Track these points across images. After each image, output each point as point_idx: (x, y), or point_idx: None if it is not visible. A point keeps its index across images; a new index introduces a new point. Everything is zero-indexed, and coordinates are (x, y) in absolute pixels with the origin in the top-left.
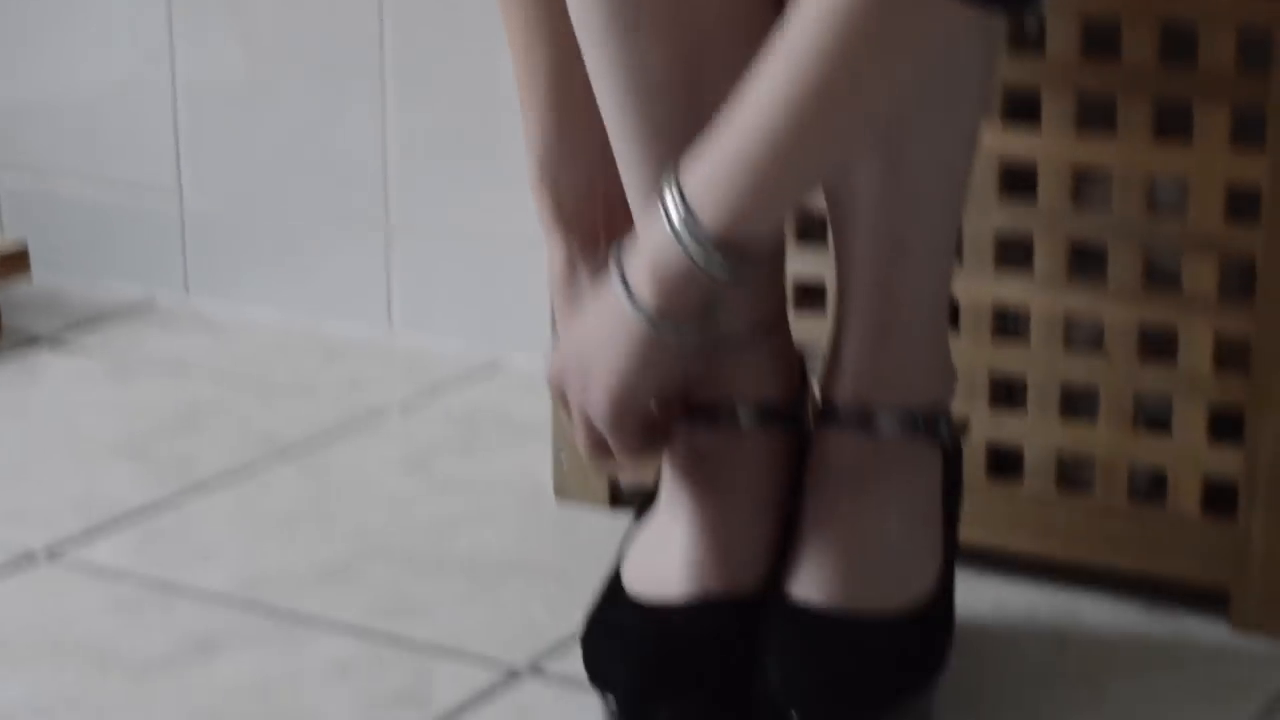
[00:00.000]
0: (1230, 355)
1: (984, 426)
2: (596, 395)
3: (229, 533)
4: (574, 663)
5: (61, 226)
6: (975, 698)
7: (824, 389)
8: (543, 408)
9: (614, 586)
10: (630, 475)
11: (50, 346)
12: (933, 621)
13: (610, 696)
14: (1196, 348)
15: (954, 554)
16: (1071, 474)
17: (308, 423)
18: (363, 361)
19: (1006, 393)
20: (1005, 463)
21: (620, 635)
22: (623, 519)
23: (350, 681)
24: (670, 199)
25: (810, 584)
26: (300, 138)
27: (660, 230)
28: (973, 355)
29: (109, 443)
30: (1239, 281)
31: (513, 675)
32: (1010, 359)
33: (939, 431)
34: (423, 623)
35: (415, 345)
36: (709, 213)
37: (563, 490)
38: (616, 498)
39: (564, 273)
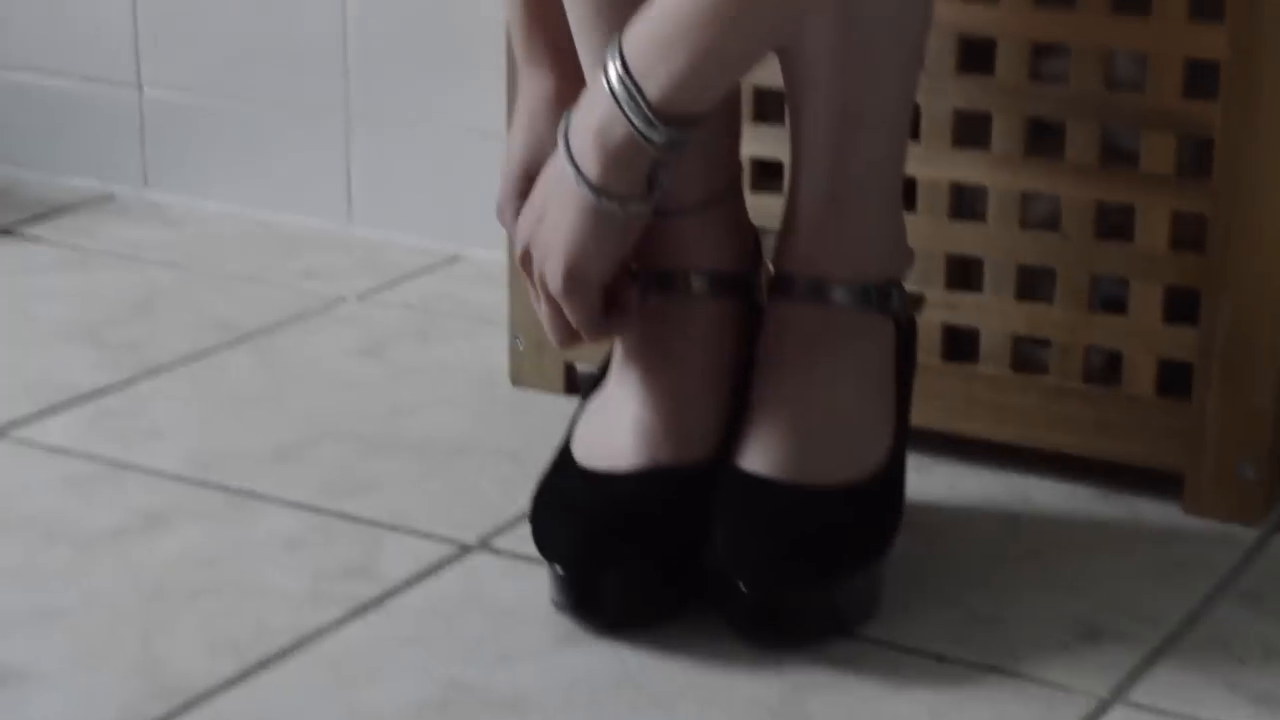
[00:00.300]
0: (1187, 235)
1: (940, 309)
2: (552, 266)
3: (182, 414)
4: (525, 540)
5: (19, 119)
6: (925, 574)
7: (777, 260)
8: (500, 297)
9: (563, 458)
10: (587, 354)
11: (6, 236)
12: (882, 495)
13: (557, 565)
14: (1153, 227)
15: (906, 429)
16: (1027, 356)
17: (264, 310)
18: (321, 253)
19: (963, 274)
20: (961, 345)
21: (568, 504)
22: (575, 403)
23: (299, 555)
24: (613, 67)
25: (760, 455)
26: (259, 29)
27: (603, 99)
28: (930, 236)
29: (63, 328)
30: (1197, 159)
31: (463, 550)
32: (967, 239)
33: (892, 304)
34: (374, 500)
35: (374, 238)
36: (650, 81)
37: (518, 376)
38: (572, 384)
39: (540, 109)
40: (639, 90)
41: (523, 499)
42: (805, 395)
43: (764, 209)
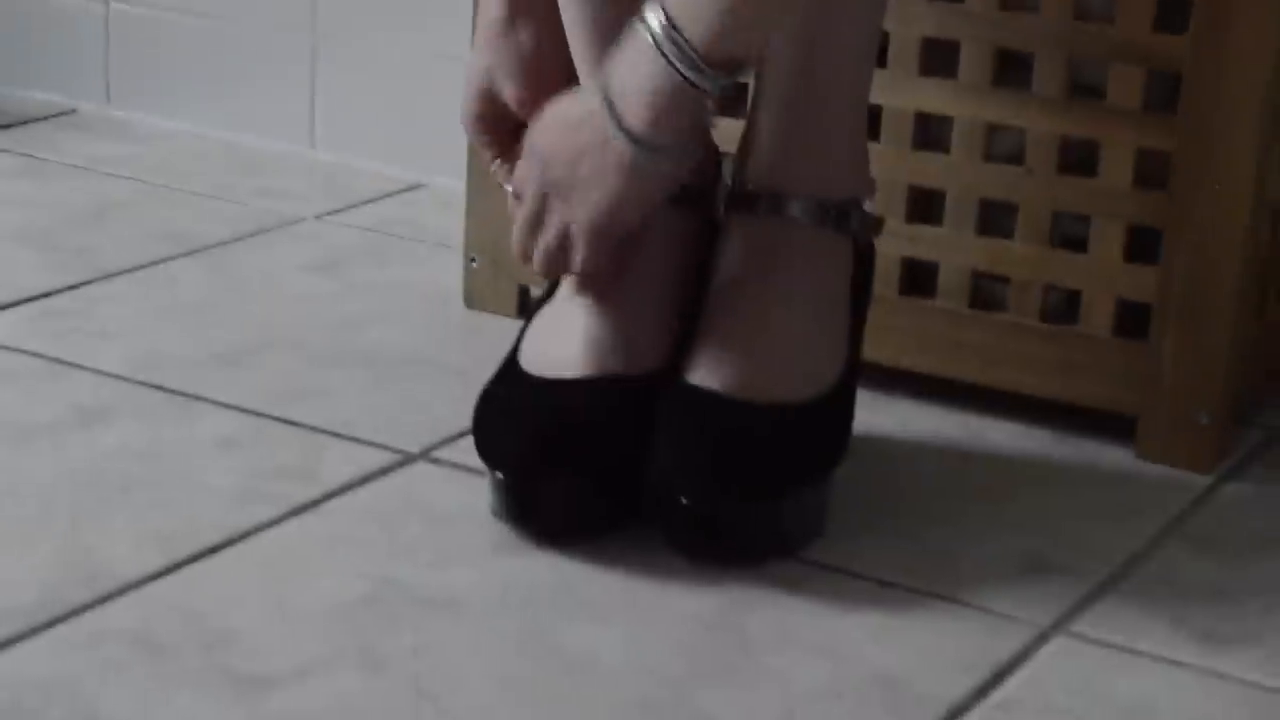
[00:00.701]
0: (1151, 173)
1: (899, 241)
2: (584, 214)
3: (128, 319)
4: (469, 453)
5: None
6: (872, 505)
7: (736, 175)
8: (458, 224)
9: (509, 367)
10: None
11: None
12: (830, 416)
13: (497, 471)
14: (1117, 163)
15: (858, 353)
16: (985, 293)
17: (219, 225)
18: (281, 175)
19: (925, 207)
20: (919, 279)
21: (511, 411)
22: None
23: (237, 455)
24: (655, 20)
25: (708, 370)
26: None
27: (647, 54)
28: (893, 166)
29: (14, 232)
30: (1164, 96)
31: (405, 459)
32: (930, 171)
33: (850, 224)
34: (317, 408)
35: (336, 162)
36: (695, 29)
37: (472, 298)
38: (525, 307)
39: (491, 33)
40: (686, 41)
41: (470, 415)
42: (757, 311)
43: (728, 133)
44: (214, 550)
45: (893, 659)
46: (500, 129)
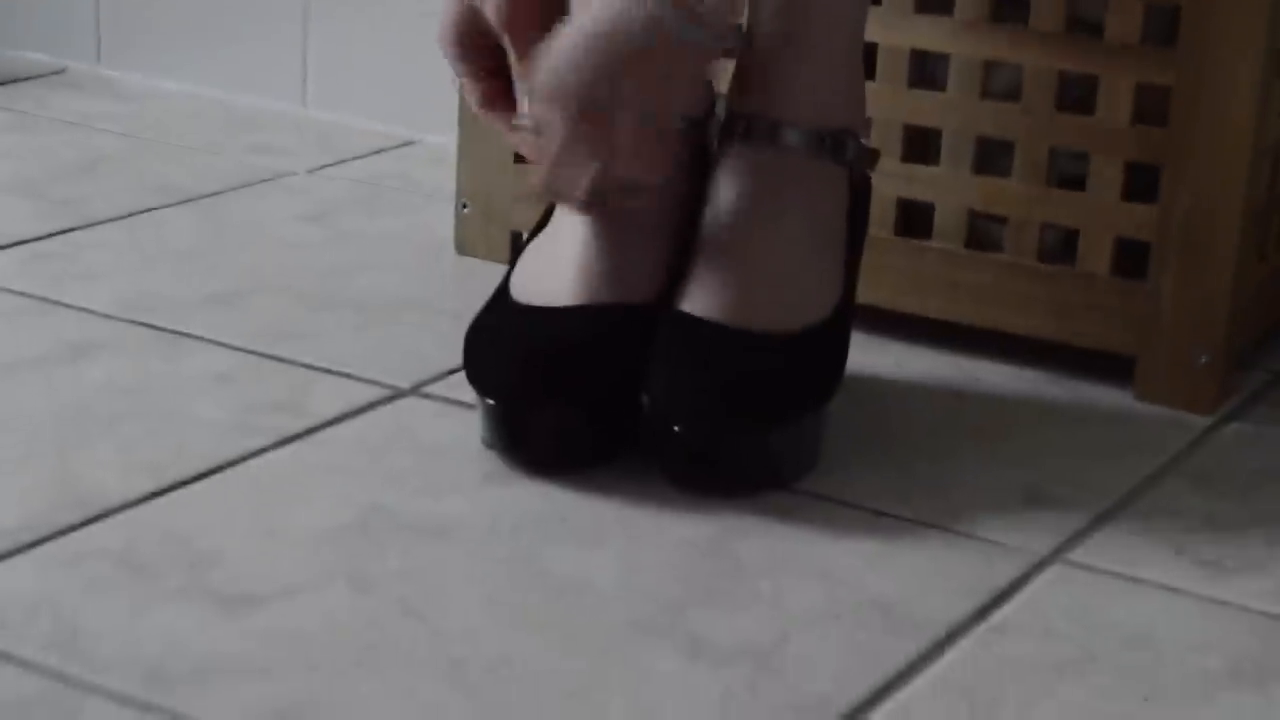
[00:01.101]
0: (1150, 109)
1: (895, 181)
2: (629, 118)
3: (116, 261)
4: (459, 387)
5: None
6: (867, 440)
7: (730, 102)
8: (450, 178)
9: (500, 296)
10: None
11: None
12: (825, 346)
13: (487, 398)
14: (1116, 99)
15: (854, 285)
16: (982, 233)
17: (211, 178)
18: (274, 132)
19: (921, 146)
20: (914, 220)
21: (502, 339)
22: None
23: (226, 389)
24: None
25: (702, 298)
26: None
27: None
28: (888, 104)
29: (2, 183)
30: (1164, 30)
31: (396, 394)
32: (926, 109)
33: (846, 154)
34: (308, 347)
35: (328, 120)
36: None
37: (464, 245)
38: (518, 253)
39: None
40: None
41: (460, 354)
42: (752, 240)
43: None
44: (202, 477)
45: (889, 584)
46: (480, 51)
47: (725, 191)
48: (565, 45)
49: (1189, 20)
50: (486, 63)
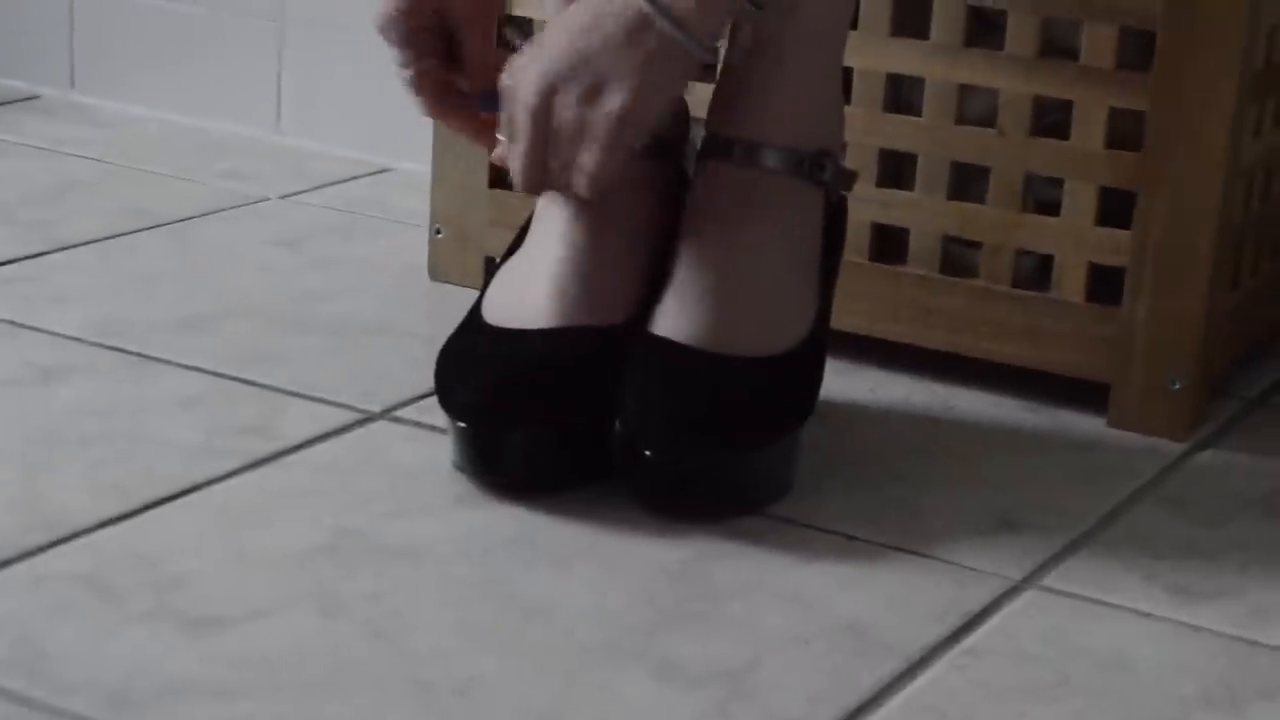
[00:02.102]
0: (1125, 135)
1: (870, 206)
2: (610, 106)
3: (87, 285)
4: (430, 412)
5: None
6: (841, 464)
7: (709, 122)
8: (423, 205)
9: (472, 318)
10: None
11: None
12: (798, 371)
13: (459, 421)
14: (1090, 125)
15: (828, 308)
16: (956, 258)
17: (183, 203)
18: (247, 158)
19: (896, 170)
20: (889, 245)
21: (473, 361)
22: None
23: (196, 412)
24: None
25: (675, 321)
26: None
27: None
28: (864, 129)
29: None
30: (1138, 55)
31: (366, 418)
32: (901, 134)
33: (824, 175)
34: (278, 370)
35: (302, 147)
36: None
37: (437, 270)
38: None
39: None
40: None
41: (432, 378)
42: (727, 261)
43: (698, 95)
44: (170, 499)
45: (861, 608)
46: (422, 36)
47: (701, 212)
48: (552, 34)
49: (1164, 45)
50: (427, 48)
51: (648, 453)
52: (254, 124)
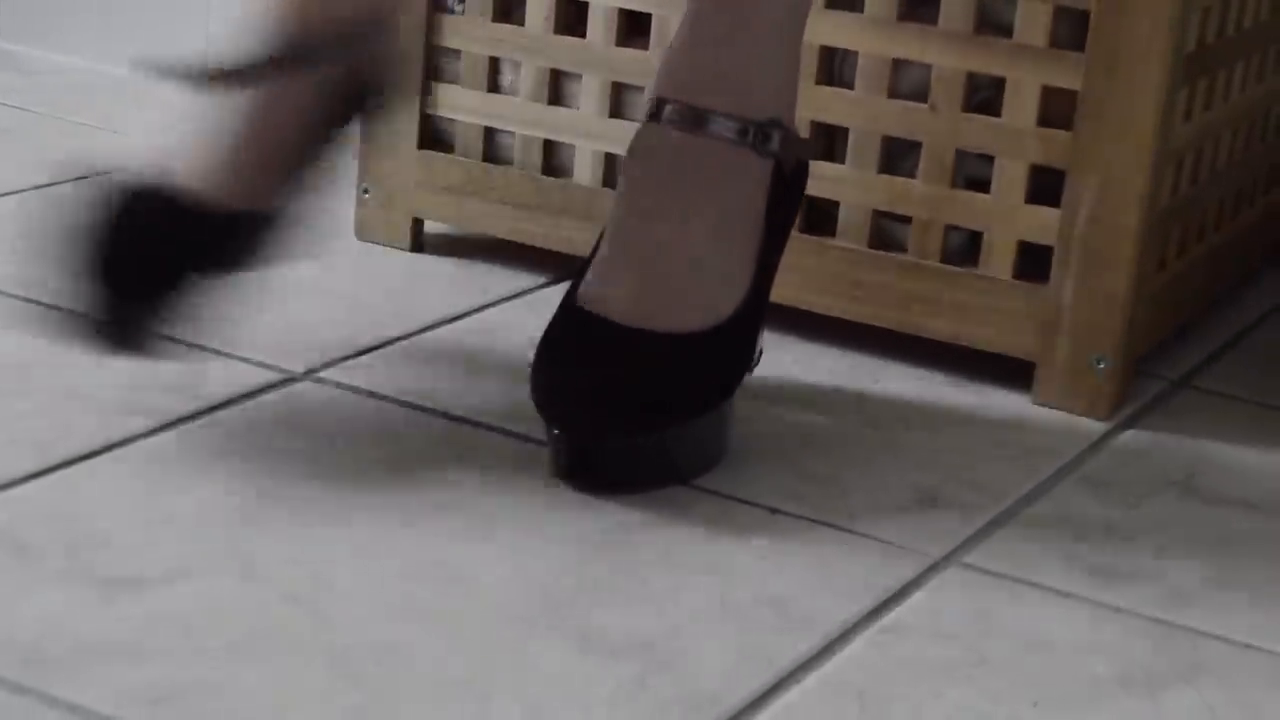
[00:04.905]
0: (1056, 113)
1: None
2: None
3: (6, 239)
4: (354, 373)
5: None
6: (763, 437)
7: (657, 84)
8: (350, 161)
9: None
10: (437, 210)
11: None
12: (722, 347)
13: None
14: (1022, 102)
15: (766, 282)
16: (885, 233)
17: (109, 155)
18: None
19: (827, 144)
20: (819, 218)
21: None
22: (423, 260)
23: (115, 369)
24: None
25: (598, 294)
26: None
27: None
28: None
29: None
30: (1073, 35)
31: (289, 378)
32: (832, 107)
33: (771, 145)
34: (199, 327)
35: None
36: None
37: (364, 230)
38: (418, 240)
39: None
40: None
41: (358, 342)
42: (656, 232)
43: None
44: (88, 456)
45: (781, 582)
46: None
47: (636, 177)
48: None
49: (1098, 25)
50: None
51: (554, 430)
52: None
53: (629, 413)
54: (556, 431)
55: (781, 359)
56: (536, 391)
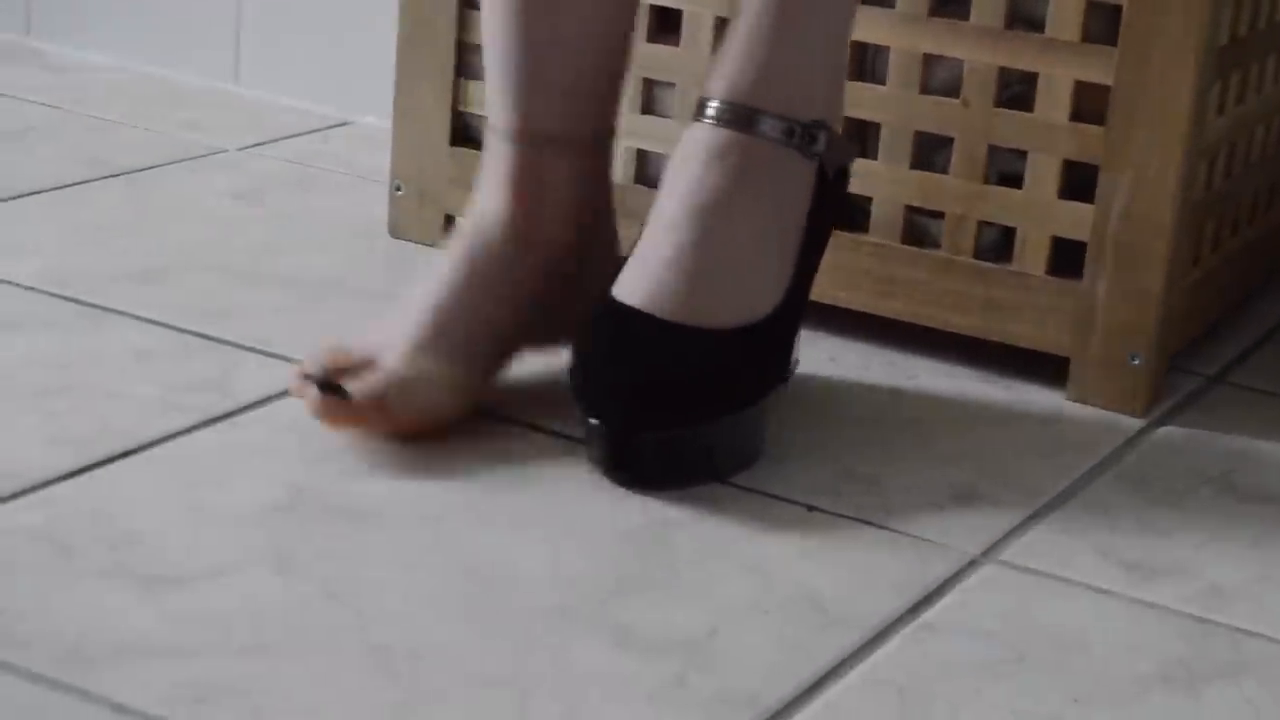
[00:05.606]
0: (1089, 108)
1: None
2: None
3: (42, 235)
4: None
5: None
6: (799, 435)
7: (706, 86)
8: (384, 159)
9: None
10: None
11: None
12: (758, 345)
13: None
14: (1055, 97)
15: (807, 282)
16: (918, 228)
17: (139, 152)
18: (204, 109)
19: (859, 140)
20: (852, 214)
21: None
22: None
23: (151, 366)
24: None
25: (637, 287)
26: None
27: None
28: None
29: None
30: (1106, 29)
31: None
32: (865, 102)
33: (816, 146)
34: (234, 325)
35: (261, 99)
36: None
37: (397, 227)
38: (450, 235)
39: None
40: None
41: None
42: (698, 228)
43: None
44: (126, 455)
45: (819, 579)
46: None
47: (682, 174)
48: None
49: (1130, 20)
50: None
51: (591, 420)
52: (212, 73)
53: (665, 406)
54: (594, 422)
55: (814, 355)
56: (575, 382)
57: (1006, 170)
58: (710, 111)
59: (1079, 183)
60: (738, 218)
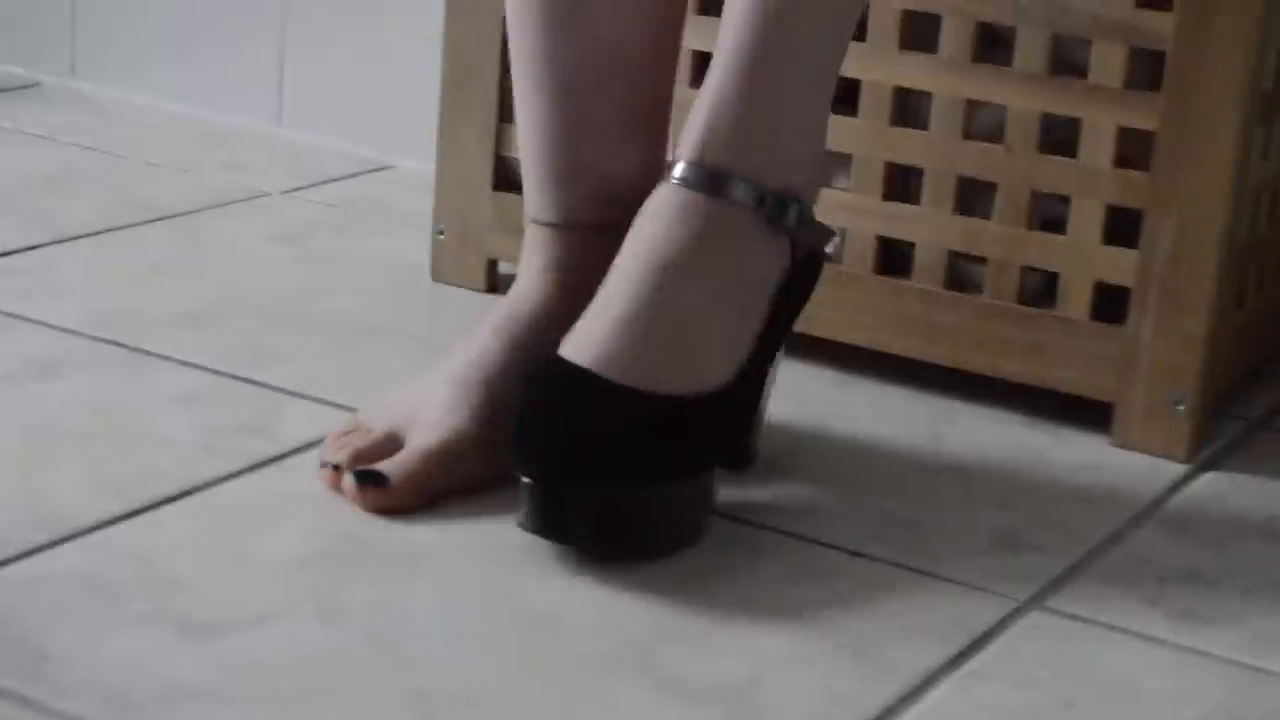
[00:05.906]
0: (1132, 153)
1: (875, 219)
2: None
3: (87, 277)
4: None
5: None
6: (840, 480)
7: (679, 146)
8: (425, 203)
9: None
10: (512, 250)
11: None
12: (703, 418)
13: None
14: (1098, 142)
15: (764, 362)
16: (961, 274)
17: (183, 195)
18: (247, 151)
19: (902, 185)
20: (894, 259)
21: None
22: (498, 301)
23: (195, 410)
24: None
25: (583, 344)
26: None
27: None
28: (870, 142)
29: None
30: (1148, 75)
31: None
32: (908, 148)
33: (787, 218)
34: (276, 369)
35: (303, 141)
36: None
37: (439, 271)
38: (493, 280)
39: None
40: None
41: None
42: (654, 287)
43: None
44: (170, 500)
45: (863, 627)
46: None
47: (644, 232)
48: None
49: (1174, 65)
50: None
51: (524, 479)
52: (254, 115)
53: (595, 464)
54: (525, 481)
55: (855, 400)
56: (510, 439)
57: (1050, 215)
58: (677, 172)
59: (1122, 227)
60: (696, 282)
